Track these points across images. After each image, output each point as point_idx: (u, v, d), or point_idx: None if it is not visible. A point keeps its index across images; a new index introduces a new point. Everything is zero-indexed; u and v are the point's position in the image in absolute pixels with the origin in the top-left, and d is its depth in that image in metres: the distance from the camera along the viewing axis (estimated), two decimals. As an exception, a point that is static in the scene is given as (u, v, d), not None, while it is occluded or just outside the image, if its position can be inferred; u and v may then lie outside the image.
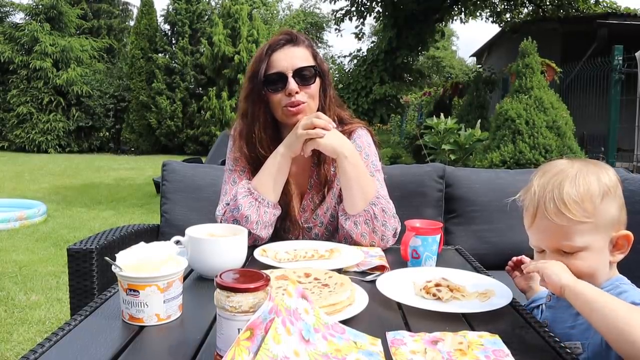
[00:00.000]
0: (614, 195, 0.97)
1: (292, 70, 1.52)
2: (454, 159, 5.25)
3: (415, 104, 16.02)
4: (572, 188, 0.96)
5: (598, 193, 0.96)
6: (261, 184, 1.52)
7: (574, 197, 0.95)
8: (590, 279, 0.97)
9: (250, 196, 1.51)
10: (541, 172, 1.03)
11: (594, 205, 0.95)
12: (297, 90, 1.52)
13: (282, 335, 0.73)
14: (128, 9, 22.12)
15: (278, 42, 1.56)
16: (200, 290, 1.15)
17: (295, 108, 1.53)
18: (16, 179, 9.15)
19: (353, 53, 11.09)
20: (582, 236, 0.96)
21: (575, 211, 0.95)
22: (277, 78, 1.53)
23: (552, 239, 0.99)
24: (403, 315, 1.01)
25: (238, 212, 1.49)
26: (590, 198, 0.95)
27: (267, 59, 1.55)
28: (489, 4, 10.81)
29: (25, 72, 15.32)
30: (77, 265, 1.69)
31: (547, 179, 1.00)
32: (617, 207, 0.97)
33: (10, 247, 4.73)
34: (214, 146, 6.78)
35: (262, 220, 1.50)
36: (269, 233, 1.55)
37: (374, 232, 1.49)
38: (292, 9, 33.02)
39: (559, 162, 1.03)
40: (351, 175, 1.49)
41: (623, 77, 7.76)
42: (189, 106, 15.00)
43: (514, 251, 1.31)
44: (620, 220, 0.97)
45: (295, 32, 1.62)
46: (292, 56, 1.54)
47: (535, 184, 1.02)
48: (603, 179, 0.97)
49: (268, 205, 1.51)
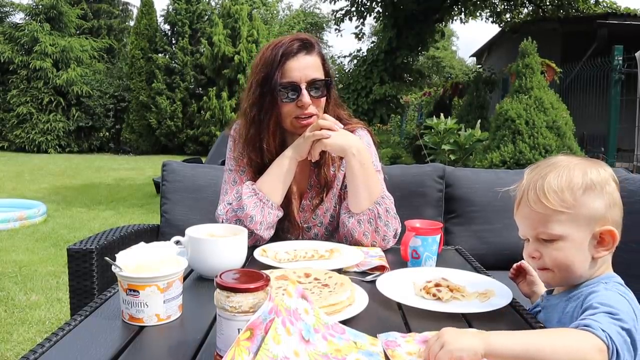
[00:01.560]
0: (600, 191, 0.97)
1: (306, 82, 1.51)
2: (453, 159, 5.25)
3: (415, 104, 16.02)
4: (554, 179, 0.98)
5: (580, 186, 0.96)
6: (267, 186, 1.52)
7: (554, 186, 0.97)
8: (567, 272, 0.99)
9: (255, 197, 1.51)
10: (535, 165, 1.05)
11: (574, 196, 0.96)
12: (309, 103, 1.51)
13: (282, 336, 0.73)
14: (128, 9, 22.13)
15: (292, 49, 1.51)
16: (200, 290, 1.15)
17: (305, 121, 1.53)
18: (16, 179, 9.15)
19: (353, 53, 11.10)
20: (560, 225, 0.97)
21: (553, 200, 0.97)
22: (290, 88, 1.51)
23: (531, 226, 1.01)
24: (403, 316, 1.01)
25: (242, 211, 1.48)
26: (571, 189, 0.96)
27: (280, 66, 1.50)
28: (489, 4, 10.81)
29: (25, 72, 15.32)
30: (77, 265, 1.69)
31: (537, 171, 1.02)
32: (602, 203, 0.97)
33: (10, 247, 4.73)
34: (214, 146, 6.78)
35: (266, 221, 1.50)
36: (271, 234, 1.55)
37: (376, 231, 1.49)
38: (292, 9, 33.03)
39: (556, 157, 1.04)
40: (358, 173, 1.49)
41: (623, 77, 7.76)
42: (189, 106, 15.00)
43: (514, 251, 1.31)
44: (607, 218, 0.97)
45: (307, 36, 1.58)
46: (306, 66, 1.51)
47: (525, 175, 1.04)
48: (590, 174, 0.98)
49: (272, 206, 1.51)
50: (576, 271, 0.99)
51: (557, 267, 0.99)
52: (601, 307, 0.87)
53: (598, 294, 0.93)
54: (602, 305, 0.87)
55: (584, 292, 0.98)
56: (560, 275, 1.00)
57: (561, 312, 1.01)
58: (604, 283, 0.97)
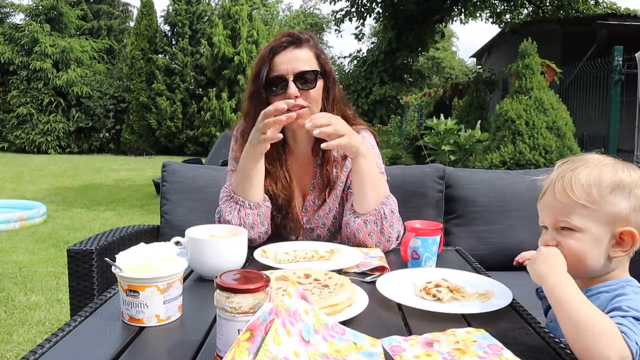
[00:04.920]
0: (628, 192, 0.97)
1: (293, 74, 1.51)
2: (454, 160, 5.26)
3: (415, 104, 16.02)
4: (584, 173, 0.99)
5: (608, 183, 0.97)
6: (238, 186, 1.52)
7: (583, 181, 0.98)
8: (579, 264, 0.99)
9: (230, 200, 1.52)
10: (567, 159, 1.05)
11: (600, 193, 0.96)
12: (297, 95, 1.51)
13: (282, 336, 0.73)
14: (128, 10, 22.16)
15: (280, 44, 1.54)
16: (200, 291, 1.15)
17: (295, 112, 1.53)
18: (16, 180, 9.15)
19: (353, 54, 11.10)
20: (581, 218, 0.97)
21: (579, 193, 0.97)
22: (278, 81, 1.52)
23: (552, 214, 1.02)
24: (403, 317, 1.01)
25: (222, 217, 1.51)
26: (599, 186, 0.97)
27: (269, 61, 1.54)
28: (489, 4, 10.82)
29: (26, 73, 15.32)
30: (77, 266, 1.69)
31: (568, 165, 1.03)
32: (628, 204, 0.97)
33: (10, 248, 4.73)
34: (214, 147, 6.78)
35: (245, 223, 1.50)
36: (262, 231, 1.54)
37: (381, 232, 1.49)
38: (292, 10, 33.06)
39: (589, 154, 1.05)
40: (367, 174, 1.49)
41: (623, 78, 7.75)
42: (189, 107, 15.00)
43: (514, 252, 1.31)
44: (630, 219, 0.97)
45: (298, 32, 1.60)
46: (294, 59, 1.53)
47: (556, 168, 1.05)
48: (620, 174, 0.98)
49: (249, 206, 1.51)
50: (588, 266, 0.99)
51: (571, 257, 0.98)
52: (631, 311, 0.88)
53: (627, 297, 0.93)
54: (631, 309, 0.89)
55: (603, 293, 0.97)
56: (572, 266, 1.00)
57: None
58: (630, 287, 0.97)
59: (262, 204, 1.54)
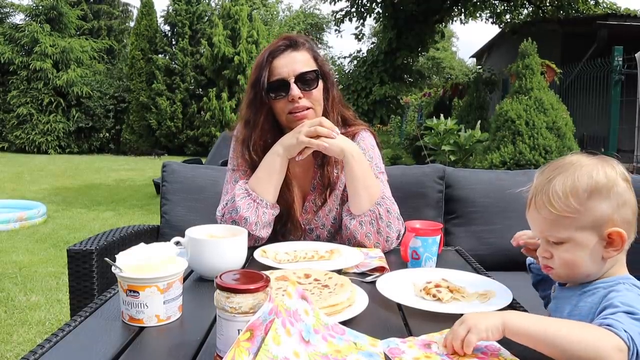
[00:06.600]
0: (607, 193, 0.96)
1: (294, 76, 1.52)
2: (453, 160, 5.26)
3: (415, 104, 16.02)
4: (559, 183, 0.98)
5: (584, 189, 0.96)
6: (258, 184, 1.52)
7: (560, 192, 0.97)
8: (574, 272, 1.00)
9: (248, 197, 1.51)
10: (545, 167, 1.05)
11: (578, 201, 0.96)
12: (300, 96, 1.52)
13: (282, 336, 0.73)
14: (128, 10, 22.17)
15: (278, 48, 1.55)
16: (200, 291, 1.15)
17: (300, 114, 1.53)
18: (16, 180, 9.16)
19: (353, 54, 11.10)
20: (566, 229, 0.97)
21: (558, 206, 0.97)
22: (279, 85, 1.53)
23: (539, 229, 1.02)
24: (403, 317, 1.01)
25: (237, 213, 1.49)
26: (576, 194, 0.96)
27: (268, 65, 1.54)
28: (489, 5, 10.82)
29: (26, 73, 15.33)
30: (77, 266, 1.69)
31: (545, 174, 1.02)
32: (609, 205, 0.96)
33: (10, 248, 4.73)
34: (214, 147, 6.78)
35: (261, 221, 1.50)
36: (268, 232, 1.55)
37: (378, 233, 1.49)
38: (292, 10, 33.06)
39: (566, 157, 1.04)
40: (357, 174, 1.49)
41: (623, 78, 7.76)
42: (189, 107, 15.02)
43: (514, 252, 1.31)
44: (615, 219, 0.96)
45: (294, 35, 1.62)
46: (293, 61, 1.53)
47: (535, 178, 1.04)
48: (597, 177, 0.97)
49: (266, 205, 1.51)
50: (584, 272, 0.99)
51: (565, 267, 1.00)
52: (622, 307, 0.87)
53: (619, 294, 0.93)
54: (622, 304, 0.88)
55: (600, 289, 0.97)
56: (568, 274, 1.01)
57: (573, 306, 1.01)
58: (623, 284, 0.97)
59: (275, 206, 1.55)
